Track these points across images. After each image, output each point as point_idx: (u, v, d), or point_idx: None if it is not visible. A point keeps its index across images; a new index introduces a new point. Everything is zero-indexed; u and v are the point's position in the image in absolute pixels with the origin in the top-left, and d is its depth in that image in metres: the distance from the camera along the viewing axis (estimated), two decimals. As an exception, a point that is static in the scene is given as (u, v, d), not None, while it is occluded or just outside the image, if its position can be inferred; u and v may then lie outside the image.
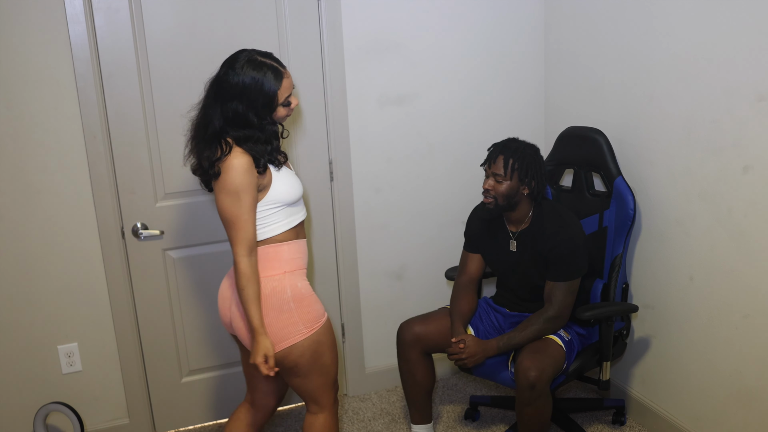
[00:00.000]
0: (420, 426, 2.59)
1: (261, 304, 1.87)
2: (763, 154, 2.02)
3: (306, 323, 1.93)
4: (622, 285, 2.48)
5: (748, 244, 2.12)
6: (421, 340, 2.44)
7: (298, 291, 1.94)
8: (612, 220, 2.45)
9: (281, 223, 1.94)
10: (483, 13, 2.83)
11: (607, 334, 2.35)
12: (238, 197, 1.81)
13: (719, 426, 2.33)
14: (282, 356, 1.92)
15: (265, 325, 1.88)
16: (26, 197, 2.43)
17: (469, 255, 2.54)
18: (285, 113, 1.91)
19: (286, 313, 1.91)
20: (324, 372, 2.00)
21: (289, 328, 1.91)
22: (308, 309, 1.94)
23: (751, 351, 2.17)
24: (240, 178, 1.80)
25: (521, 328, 2.30)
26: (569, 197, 2.63)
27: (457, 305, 2.46)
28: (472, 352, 2.28)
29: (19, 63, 2.33)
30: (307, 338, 1.93)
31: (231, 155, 1.82)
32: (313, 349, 1.95)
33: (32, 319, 2.53)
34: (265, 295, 1.90)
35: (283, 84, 1.86)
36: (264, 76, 1.83)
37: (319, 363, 1.97)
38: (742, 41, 2.03)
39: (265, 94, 1.83)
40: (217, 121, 1.84)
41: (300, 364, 1.95)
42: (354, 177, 2.82)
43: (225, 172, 1.81)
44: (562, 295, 2.29)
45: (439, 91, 2.85)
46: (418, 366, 2.47)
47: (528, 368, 2.17)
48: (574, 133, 2.61)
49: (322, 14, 2.62)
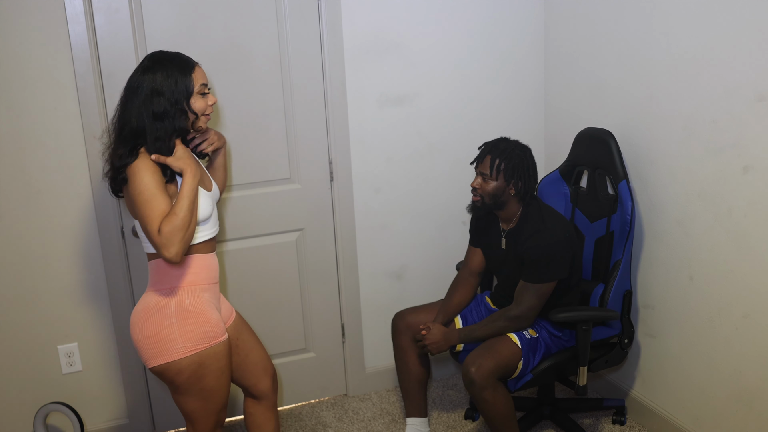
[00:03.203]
0: (414, 419, 2.60)
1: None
2: (763, 154, 2.02)
3: (186, 342, 1.84)
4: (623, 291, 2.43)
5: (748, 244, 2.12)
6: (411, 327, 2.54)
7: (183, 307, 1.86)
8: (618, 224, 2.44)
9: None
10: (483, 13, 2.83)
11: (584, 338, 2.31)
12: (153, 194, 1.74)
13: (719, 426, 2.33)
14: (159, 371, 1.87)
15: (143, 338, 1.84)
16: (26, 197, 2.43)
17: (472, 249, 2.59)
18: (203, 105, 1.86)
19: (166, 329, 1.83)
20: (204, 397, 1.91)
21: (167, 344, 1.83)
22: (192, 328, 1.85)
23: (751, 351, 2.17)
24: (149, 178, 1.75)
25: (484, 323, 2.38)
26: (585, 199, 2.61)
27: (450, 296, 2.57)
28: (435, 340, 2.40)
29: (19, 63, 2.33)
30: (185, 358, 1.84)
31: (139, 159, 1.77)
32: (193, 370, 1.85)
33: (32, 319, 2.53)
34: (148, 309, 1.86)
35: (196, 70, 1.85)
36: (174, 66, 1.82)
37: (198, 386, 1.88)
38: (742, 41, 2.03)
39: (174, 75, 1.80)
40: (134, 120, 1.80)
41: (176, 382, 1.87)
42: (354, 177, 2.82)
43: (134, 175, 1.76)
44: (530, 296, 2.30)
45: (439, 91, 2.85)
46: (410, 353, 2.55)
47: (468, 364, 2.25)
48: (588, 133, 2.58)
49: (322, 14, 2.63)
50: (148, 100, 1.79)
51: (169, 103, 1.80)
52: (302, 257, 2.85)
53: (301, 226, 2.82)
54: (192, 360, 1.85)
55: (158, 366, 1.85)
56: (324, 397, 3.04)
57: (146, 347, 1.85)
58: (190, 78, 1.82)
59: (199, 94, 1.85)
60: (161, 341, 1.84)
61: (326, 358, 3.00)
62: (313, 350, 2.97)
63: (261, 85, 2.62)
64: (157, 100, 1.79)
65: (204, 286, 1.93)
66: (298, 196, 2.78)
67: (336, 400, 3.02)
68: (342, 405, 2.98)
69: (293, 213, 2.79)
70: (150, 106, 1.79)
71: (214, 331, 1.90)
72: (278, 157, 2.72)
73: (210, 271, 1.96)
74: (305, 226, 2.82)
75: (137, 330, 1.88)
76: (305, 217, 2.81)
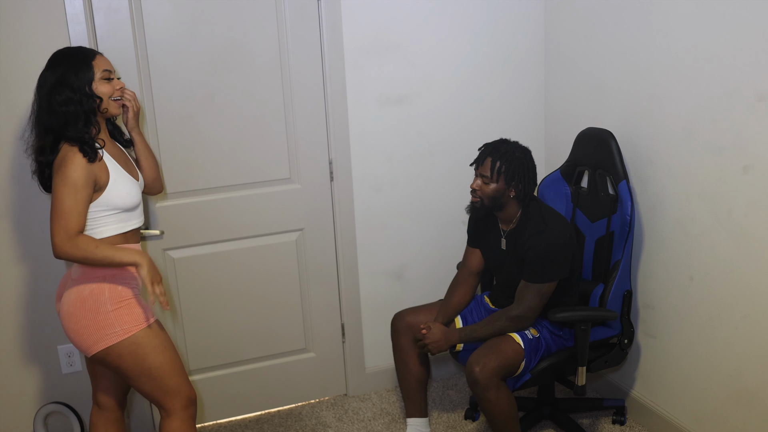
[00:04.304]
0: (414, 419, 2.60)
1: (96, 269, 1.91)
2: (763, 154, 2.02)
3: (122, 325, 1.92)
4: (623, 291, 2.43)
5: (748, 244, 2.12)
6: (411, 327, 2.53)
7: (116, 293, 1.94)
8: (618, 224, 2.44)
9: (110, 227, 1.96)
10: (483, 13, 2.83)
11: (582, 338, 2.32)
12: (75, 190, 1.84)
13: (719, 426, 2.33)
14: (100, 357, 1.94)
15: (82, 327, 1.91)
16: (26, 197, 2.43)
17: (471, 249, 2.59)
18: (109, 89, 1.94)
19: (102, 315, 1.91)
20: (153, 375, 1.97)
21: (105, 329, 1.91)
22: (127, 311, 1.93)
23: (751, 351, 2.17)
24: (78, 173, 1.85)
25: (485, 323, 2.37)
26: (587, 198, 2.61)
27: (449, 296, 2.57)
28: (435, 339, 2.39)
29: (20, 63, 2.32)
30: (123, 340, 1.92)
31: (61, 152, 1.88)
32: (132, 351, 1.93)
33: (33, 319, 2.53)
34: (83, 297, 1.92)
35: (97, 58, 1.94)
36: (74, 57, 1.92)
37: (143, 366, 1.95)
38: (742, 41, 2.03)
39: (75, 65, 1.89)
40: (45, 115, 1.89)
41: (121, 366, 1.95)
42: (354, 177, 2.82)
43: (60, 168, 1.86)
44: (531, 296, 2.30)
45: (439, 91, 2.85)
46: (411, 354, 2.54)
47: (471, 363, 2.24)
48: (589, 134, 2.58)
49: (322, 14, 2.62)
50: (53, 91, 1.88)
51: (71, 90, 1.88)
52: (302, 257, 2.85)
53: (301, 226, 2.82)
54: (129, 342, 1.93)
55: (99, 352, 1.92)
56: (324, 397, 3.04)
57: (86, 335, 1.92)
58: (90, 65, 1.91)
59: (103, 79, 1.93)
60: (100, 327, 1.91)
61: (326, 358, 3.00)
62: (313, 350, 2.97)
63: (261, 85, 2.62)
64: (61, 89, 1.88)
65: (133, 275, 2.01)
66: (298, 196, 2.78)
67: (336, 400, 3.02)
68: (342, 405, 2.98)
69: (293, 213, 2.79)
70: (56, 96, 1.88)
71: (145, 313, 1.98)
72: (278, 157, 2.72)
73: None
74: (305, 226, 2.82)
75: (75, 320, 1.93)
76: (305, 217, 2.81)
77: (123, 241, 2.00)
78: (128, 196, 1.98)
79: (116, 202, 1.95)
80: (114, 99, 1.97)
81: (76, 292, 1.94)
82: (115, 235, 1.97)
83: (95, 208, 1.92)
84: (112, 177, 1.94)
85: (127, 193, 1.98)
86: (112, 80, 1.97)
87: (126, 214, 2.00)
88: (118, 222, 1.98)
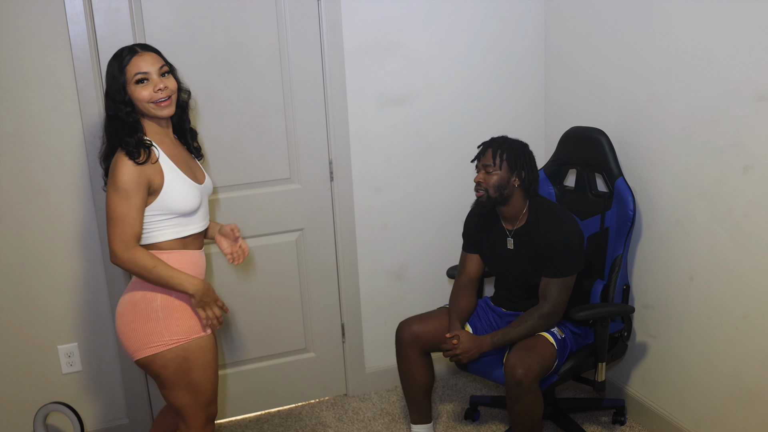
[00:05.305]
0: (420, 426, 2.59)
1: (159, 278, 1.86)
2: (763, 154, 2.02)
3: (172, 334, 1.88)
4: (623, 286, 2.47)
5: (748, 244, 2.12)
6: (419, 338, 2.45)
7: (169, 301, 1.89)
8: (613, 220, 2.45)
9: (167, 231, 1.89)
10: (483, 13, 2.83)
11: (603, 335, 2.34)
12: (127, 195, 1.80)
13: (719, 426, 2.33)
14: (144, 363, 1.90)
15: (130, 330, 1.89)
16: (26, 197, 2.43)
17: (468, 255, 2.55)
18: (146, 94, 1.85)
19: (153, 322, 1.87)
20: (192, 390, 1.93)
21: (153, 336, 1.87)
22: (178, 322, 1.89)
23: (751, 351, 2.17)
24: (126, 177, 1.80)
25: (516, 324, 2.31)
26: (572, 197, 2.63)
27: (456, 303, 2.48)
28: (467, 348, 2.29)
29: (19, 63, 2.33)
30: (170, 349, 1.87)
31: (114, 157, 1.85)
32: (178, 363, 1.89)
33: (32, 319, 2.53)
34: (135, 302, 1.89)
35: (132, 61, 1.84)
36: (112, 63, 1.87)
37: (186, 379, 1.91)
38: (742, 41, 2.03)
39: (113, 72, 1.85)
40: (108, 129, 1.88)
41: (163, 375, 1.90)
42: (354, 177, 2.82)
43: (111, 173, 1.83)
44: (557, 291, 2.29)
45: (439, 91, 2.85)
46: (417, 365, 2.48)
47: (515, 365, 2.18)
48: (576, 133, 2.61)
49: (322, 14, 2.62)
50: (105, 102, 1.88)
51: (113, 101, 1.86)
52: (302, 257, 2.85)
53: (301, 226, 2.82)
54: (177, 353, 1.88)
55: (144, 358, 1.88)
56: (324, 397, 3.04)
57: (132, 339, 1.89)
58: (123, 70, 1.84)
59: (135, 83, 1.85)
60: (147, 334, 1.87)
61: (326, 358, 3.00)
62: (313, 350, 2.97)
63: (261, 85, 2.62)
64: (107, 101, 1.87)
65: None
66: (298, 196, 2.78)
67: (336, 400, 3.02)
68: (342, 405, 2.98)
69: (293, 213, 2.79)
70: (106, 107, 1.88)
71: (199, 325, 1.92)
72: (278, 157, 2.72)
73: (197, 268, 1.97)
74: (305, 226, 2.82)
75: (124, 322, 1.91)
76: (305, 217, 2.81)
77: (181, 247, 1.92)
78: (184, 200, 1.89)
79: (172, 207, 1.87)
80: (157, 102, 1.86)
81: (130, 296, 1.91)
82: (172, 240, 1.90)
83: (150, 212, 1.86)
84: (167, 180, 1.86)
85: (183, 197, 1.88)
86: (146, 82, 1.85)
87: (184, 219, 1.91)
88: (176, 227, 1.90)
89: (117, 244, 1.79)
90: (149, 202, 1.85)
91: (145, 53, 1.87)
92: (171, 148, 1.94)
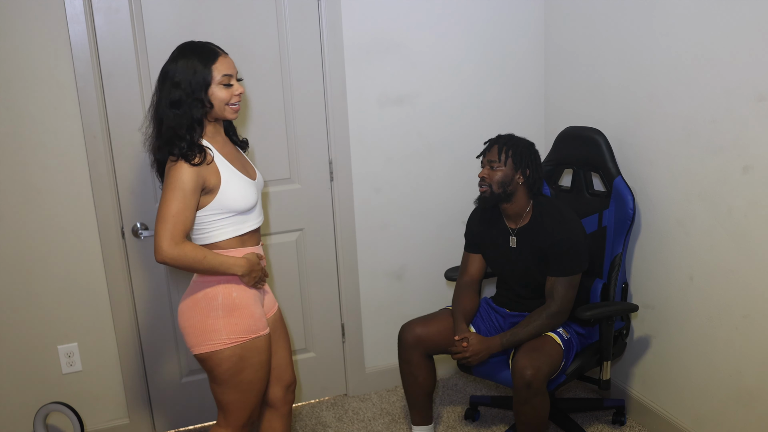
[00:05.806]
0: (421, 427, 2.58)
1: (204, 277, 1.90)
2: (763, 154, 2.02)
3: (230, 333, 1.88)
4: (622, 284, 2.48)
5: (748, 244, 2.12)
6: (422, 341, 2.44)
7: (231, 300, 1.90)
8: (611, 219, 2.46)
9: (226, 230, 1.90)
10: (483, 13, 2.83)
11: (608, 333, 2.36)
12: (183, 195, 1.78)
13: (719, 426, 2.33)
14: (201, 359, 1.92)
15: (190, 326, 1.91)
16: (26, 197, 2.43)
17: (470, 255, 2.55)
18: (227, 96, 1.86)
19: (212, 319, 1.89)
20: (241, 389, 1.95)
21: (211, 333, 1.88)
22: (237, 320, 1.90)
23: (751, 351, 2.17)
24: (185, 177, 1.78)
25: (524, 324, 2.30)
26: (568, 197, 2.64)
27: (460, 304, 2.46)
28: (476, 350, 2.27)
29: (20, 63, 2.33)
30: (227, 348, 1.89)
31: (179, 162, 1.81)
32: (233, 362, 1.90)
33: (32, 319, 2.53)
34: (197, 299, 1.91)
35: (219, 60, 1.84)
36: (195, 55, 1.83)
37: (237, 378, 1.92)
38: (742, 41, 2.03)
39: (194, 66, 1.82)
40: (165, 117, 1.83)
41: (216, 371, 1.92)
42: (354, 177, 2.82)
43: (170, 171, 1.81)
44: (564, 290, 2.29)
45: (439, 91, 2.85)
46: (420, 368, 2.47)
47: (524, 366, 2.17)
48: (573, 133, 2.61)
49: (322, 14, 2.63)
50: (168, 89, 1.82)
51: (185, 93, 1.81)
52: (302, 257, 2.85)
53: (301, 226, 2.82)
54: (233, 351, 1.90)
55: (202, 354, 1.91)
56: (324, 397, 3.04)
57: (192, 335, 1.91)
58: (210, 68, 1.82)
59: (221, 84, 1.84)
60: (207, 331, 1.89)
61: (326, 358, 3.00)
62: (313, 350, 2.97)
63: (261, 85, 2.62)
64: (175, 90, 1.81)
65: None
66: (298, 196, 2.78)
67: (336, 400, 3.02)
68: (342, 405, 2.98)
69: (293, 213, 2.79)
70: (169, 95, 1.82)
71: (257, 325, 1.94)
72: (278, 157, 2.72)
73: None
74: (305, 226, 2.82)
75: (185, 318, 1.94)
76: (305, 217, 2.81)
77: (239, 244, 1.93)
78: (242, 198, 1.90)
79: (230, 205, 1.87)
80: (230, 105, 1.88)
81: (193, 291, 1.93)
82: (231, 238, 1.91)
83: (208, 212, 1.86)
84: (224, 179, 1.85)
85: (241, 195, 1.89)
86: (232, 86, 1.87)
87: (242, 216, 1.92)
88: (235, 224, 1.91)
89: (166, 241, 1.77)
90: (207, 202, 1.85)
91: (228, 56, 1.89)
92: (223, 146, 1.95)
